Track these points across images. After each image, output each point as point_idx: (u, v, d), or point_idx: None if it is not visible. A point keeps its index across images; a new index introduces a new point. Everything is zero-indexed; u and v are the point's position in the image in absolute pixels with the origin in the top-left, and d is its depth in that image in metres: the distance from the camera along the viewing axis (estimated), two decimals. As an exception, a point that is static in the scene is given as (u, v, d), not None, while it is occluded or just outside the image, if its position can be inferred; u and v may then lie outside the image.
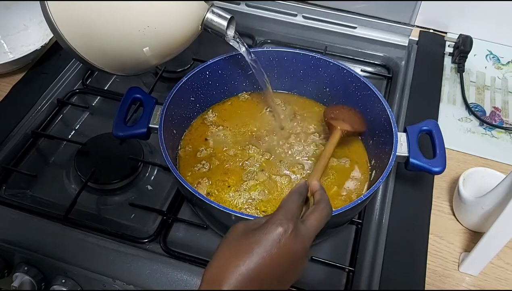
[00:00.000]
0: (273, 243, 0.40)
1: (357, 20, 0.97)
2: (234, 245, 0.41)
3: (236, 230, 0.43)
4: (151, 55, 0.62)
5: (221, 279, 0.39)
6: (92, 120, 0.85)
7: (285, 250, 0.41)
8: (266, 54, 0.74)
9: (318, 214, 0.45)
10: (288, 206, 0.44)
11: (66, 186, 0.75)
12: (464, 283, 0.63)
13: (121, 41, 0.59)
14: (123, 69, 0.66)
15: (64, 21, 0.58)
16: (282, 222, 0.41)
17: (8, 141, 0.77)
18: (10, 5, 0.95)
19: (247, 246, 0.40)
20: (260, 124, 0.74)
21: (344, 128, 0.66)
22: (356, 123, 0.69)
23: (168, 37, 0.61)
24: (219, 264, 0.41)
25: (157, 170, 0.77)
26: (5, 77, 0.88)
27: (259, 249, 0.40)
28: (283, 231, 0.41)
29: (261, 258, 0.40)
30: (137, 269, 0.62)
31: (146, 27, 0.58)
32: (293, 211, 0.44)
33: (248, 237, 0.41)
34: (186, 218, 0.70)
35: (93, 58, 0.62)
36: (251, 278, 0.39)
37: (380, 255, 0.64)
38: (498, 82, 0.90)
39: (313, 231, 0.44)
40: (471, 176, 0.68)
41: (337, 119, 0.67)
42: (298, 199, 0.46)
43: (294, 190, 0.47)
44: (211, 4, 0.63)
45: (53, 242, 0.65)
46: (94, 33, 0.59)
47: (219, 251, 0.42)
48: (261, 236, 0.41)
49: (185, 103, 0.72)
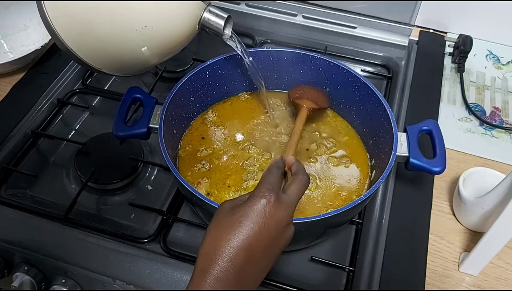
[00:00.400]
0: (259, 213, 0.43)
1: (357, 20, 0.97)
2: (223, 221, 0.44)
3: (223, 208, 0.46)
4: (149, 55, 0.62)
5: (215, 254, 0.42)
6: (92, 120, 0.85)
7: (271, 219, 0.43)
8: (266, 54, 0.74)
9: (297, 183, 0.48)
10: (269, 179, 0.47)
11: (66, 186, 0.75)
12: (464, 283, 0.63)
13: (119, 42, 0.59)
14: (121, 69, 0.66)
15: (61, 21, 0.58)
16: (264, 193, 0.44)
17: (8, 141, 0.77)
18: (10, 5, 0.95)
19: (235, 220, 0.43)
20: (260, 124, 0.74)
21: (309, 106, 0.71)
22: (320, 100, 0.73)
23: (165, 37, 0.61)
24: (211, 240, 0.43)
25: (157, 170, 0.77)
26: (5, 77, 0.88)
27: (246, 221, 0.43)
28: (267, 202, 0.44)
29: (249, 229, 0.42)
30: (137, 269, 0.62)
31: (144, 26, 0.58)
32: (274, 183, 0.47)
33: (235, 212, 0.44)
34: (186, 218, 0.70)
35: (90, 59, 0.62)
36: (242, 248, 0.42)
37: (380, 255, 0.64)
38: (498, 82, 0.90)
39: (295, 199, 0.47)
40: (471, 176, 0.68)
41: (302, 98, 0.72)
42: (277, 172, 0.49)
43: (272, 164, 0.50)
44: (208, 3, 0.63)
45: (53, 242, 0.65)
46: (91, 34, 0.58)
47: (210, 229, 0.44)
48: (247, 209, 0.43)
49: (185, 103, 0.72)
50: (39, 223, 0.67)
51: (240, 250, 0.42)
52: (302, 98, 0.72)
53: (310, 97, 0.72)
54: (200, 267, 0.42)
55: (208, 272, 0.41)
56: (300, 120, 0.69)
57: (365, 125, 0.72)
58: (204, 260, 0.42)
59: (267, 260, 0.44)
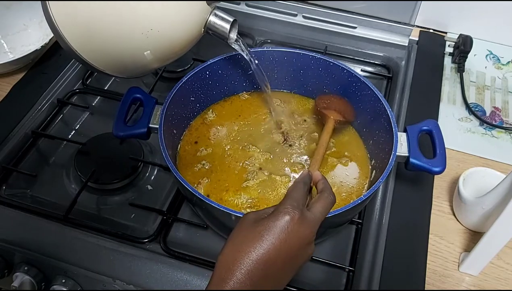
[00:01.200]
0: (282, 229, 0.43)
1: (357, 20, 0.97)
2: (245, 232, 0.44)
3: (246, 219, 0.46)
4: (153, 58, 0.61)
5: (233, 264, 0.42)
6: (92, 120, 0.85)
7: (293, 235, 0.43)
8: (266, 54, 0.74)
9: (323, 201, 0.48)
10: (294, 195, 0.47)
11: (66, 186, 0.75)
12: (464, 283, 0.63)
13: (124, 44, 0.59)
14: (124, 71, 0.66)
15: (66, 22, 0.58)
16: (289, 210, 0.44)
17: (8, 141, 0.77)
18: (10, 5, 0.95)
19: (258, 233, 0.43)
20: (260, 124, 0.74)
21: (336, 118, 0.69)
22: (347, 113, 0.71)
23: (171, 40, 0.61)
24: (231, 250, 0.43)
25: (157, 170, 0.77)
26: (5, 77, 0.88)
27: (268, 236, 0.42)
28: (290, 218, 0.43)
29: (270, 243, 0.42)
30: (137, 269, 0.62)
31: (150, 30, 0.58)
32: (299, 199, 0.46)
33: (258, 225, 0.44)
34: (186, 218, 0.70)
35: (94, 60, 0.62)
36: (261, 262, 0.42)
37: (380, 255, 0.64)
38: (498, 82, 0.90)
39: (319, 217, 0.46)
40: (471, 176, 0.68)
41: (329, 109, 0.70)
42: (303, 188, 0.48)
43: (299, 179, 0.50)
44: (214, 7, 0.63)
45: (53, 242, 0.65)
46: (96, 35, 0.58)
47: (231, 238, 0.44)
48: (270, 224, 0.43)
49: (185, 103, 0.72)
50: (39, 223, 0.67)
51: (258, 264, 0.42)
52: (330, 108, 0.70)
53: (337, 109, 0.70)
54: (218, 275, 0.42)
55: (225, 282, 0.41)
56: (327, 132, 0.66)
57: (365, 125, 0.72)
58: (222, 268, 0.42)
59: (284, 276, 0.44)
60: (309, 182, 0.50)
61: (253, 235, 0.43)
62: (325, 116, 0.69)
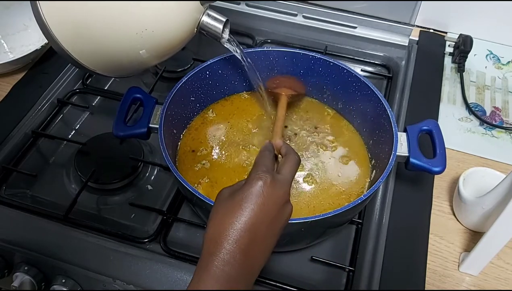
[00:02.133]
0: (258, 194, 0.45)
1: (357, 20, 0.96)
2: (224, 206, 0.46)
3: (222, 194, 0.48)
4: (147, 57, 0.61)
5: (220, 238, 0.43)
6: (92, 120, 0.85)
7: (269, 198, 0.45)
8: (266, 54, 0.74)
9: (289, 162, 0.51)
10: (262, 161, 0.49)
11: (66, 186, 0.75)
12: (464, 283, 0.63)
13: (117, 44, 0.59)
14: (117, 71, 0.65)
15: (58, 23, 0.57)
16: (260, 175, 0.46)
17: (8, 141, 0.77)
18: (10, 5, 0.95)
19: (236, 204, 0.45)
20: (260, 124, 0.74)
21: (287, 93, 0.73)
22: (297, 87, 0.75)
23: (164, 40, 0.61)
24: (215, 225, 0.45)
25: (157, 170, 0.77)
26: (5, 77, 0.88)
27: (246, 203, 0.44)
28: (263, 182, 0.45)
29: (250, 210, 0.44)
30: (137, 269, 0.62)
31: (144, 30, 0.58)
32: (268, 164, 0.49)
33: (234, 196, 0.46)
34: (186, 218, 0.70)
35: (87, 61, 0.61)
36: (246, 230, 0.43)
37: (380, 255, 0.64)
38: (498, 82, 0.90)
39: (289, 177, 0.49)
40: (471, 176, 0.68)
41: (279, 87, 0.74)
42: (269, 155, 0.51)
43: (263, 148, 0.52)
44: (207, 7, 0.63)
45: (53, 242, 0.65)
46: (90, 36, 0.58)
47: (212, 215, 0.46)
48: (246, 192, 0.45)
49: (185, 103, 0.72)
50: (39, 223, 0.67)
51: (243, 231, 0.43)
52: (280, 87, 0.74)
53: (287, 86, 0.74)
54: (207, 251, 0.44)
55: (215, 255, 0.43)
56: (282, 106, 0.71)
57: (365, 125, 0.72)
58: (210, 244, 0.44)
59: (270, 239, 0.46)
60: (272, 149, 0.53)
61: (232, 207, 0.45)
62: (277, 94, 0.73)
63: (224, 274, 0.42)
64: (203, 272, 0.42)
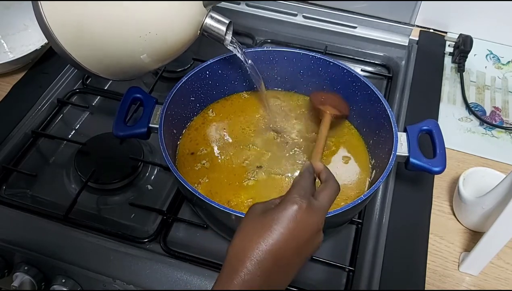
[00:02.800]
0: (290, 219, 0.43)
1: (357, 20, 0.96)
2: (254, 224, 0.44)
3: (254, 210, 0.46)
4: (149, 60, 0.61)
5: (243, 256, 0.42)
6: (92, 120, 0.85)
7: (301, 224, 0.43)
8: (266, 54, 0.74)
9: (329, 189, 0.48)
10: (301, 184, 0.46)
11: (66, 186, 0.75)
12: (464, 283, 0.63)
13: (121, 47, 0.58)
14: (119, 74, 0.65)
15: (60, 25, 0.56)
16: (296, 199, 0.44)
17: (8, 141, 0.77)
18: (10, 5, 0.95)
19: (266, 224, 0.43)
20: (260, 124, 0.74)
21: (332, 112, 0.70)
22: (342, 107, 0.73)
23: (167, 43, 0.60)
24: (241, 242, 0.43)
25: (157, 170, 0.77)
26: (5, 77, 0.88)
27: (277, 226, 0.42)
28: (298, 207, 0.43)
29: (279, 233, 0.42)
30: (137, 269, 0.62)
31: (148, 33, 0.57)
32: (306, 188, 0.46)
33: (266, 215, 0.44)
34: (186, 218, 0.70)
35: (89, 63, 0.60)
36: (271, 253, 0.42)
37: (380, 255, 0.64)
38: (498, 82, 0.90)
39: (326, 205, 0.47)
40: (471, 176, 0.68)
41: (325, 104, 0.71)
42: (309, 177, 0.48)
43: (304, 169, 0.50)
44: (210, 9, 0.63)
45: (53, 242, 0.65)
46: (92, 38, 0.57)
47: (240, 230, 0.44)
48: (279, 214, 0.43)
49: (185, 103, 0.72)
50: (39, 223, 0.67)
51: (268, 254, 0.42)
52: (326, 104, 0.71)
53: (332, 104, 0.71)
54: (229, 265, 0.42)
55: (236, 273, 0.41)
56: (325, 126, 0.68)
57: (365, 125, 0.72)
58: (233, 259, 0.42)
59: (294, 266, 0.44)
60: (313, 171, 0.50)
61: (261, 226, 0.43)
62: (322, 112, 0.70)
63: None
64: (222, 287, 0.41)
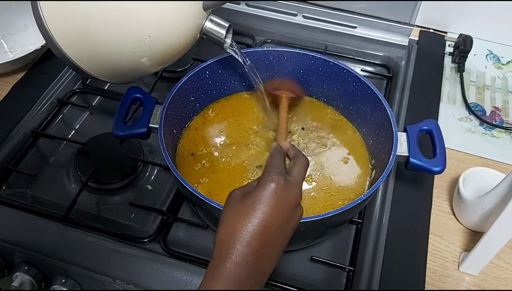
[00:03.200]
0: (271, 197, 0.45)
1: (357, 20, 0.96)
2: (236, 208, 0.45)
3: (233, 196, 0.47)
4: (149, 64, 0.61)
5: (232, 240, 0.43)
6: (92, 120, 0.85)
7: (282, 201, 0.45)
8: (266, 54, 0.74)
9: (299, 164, 0.50)
10: (274, 163, 0.49)
11: (66, 186, 0.75)
12: (464, 283, 0.63)
13: (121, 51, 0.58)
14: (119, 77, 0.64)
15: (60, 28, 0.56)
16: (273, 177, 0.46)
17: (8, 141, 0.77)
18: (10, 5, 0.95)
19: (249, 206, 0.44)
20: (260, 123, 0.74)
21: (288, 96, 0.73)
22: (296, 90, 0.75)
23: (167, 46, 0.60)
24: (227, 228, 0.44)
25: (157, 170, 0.77)
26: (5, 77, 0.88)
27: (259, 205, 0.44)
28: (276, 184, 0.45)
29: (263, 212, 0.44)
30: (137, 269, 0.62)
31: (148, 37, 0.57)
32: (280, 166, 0.48)
33: (246, 198, 0.45)
34: (186, 218, 0.70)
35: (89, 66, 0.60)
36: (258, 232, 0.43)
37: (380, 255, 0.64)
38: (498, 82, 0.90)
39: (300, 179, 0.49)
40: (471, 176, 0.68)
41: (279, 89, 0.74)
42: (279, 156, 0.51)
43: (273, 150, 0.52)
44: (209, 12, 0.63)
45: (53, 242, 0.65)
46: (92, 42, 0.57)
47: (224, 217, 0.46)
48: (259, 194, 0.45)
49: (185, 103, 0.72)
50: (39, 223, 0.67)
51: (256, 233, 0.43)
52: (279, 89, 0.74)
53: (287, 88, 0.74)
54: (219, 252, 0.43)
55: (227, 257, 0.42)
56: (283, 109, 0.71)
57: (365, 125, 0.72)
58: (222, 246, 0.44)
59: (281, 241, 0.46)
60: (282, 151, 0.53)
61: (244, 208, 0.44)
62: (278, 97, 0.73)
63: (236, 277, 0.42)
64: (215, 273, 0.42)
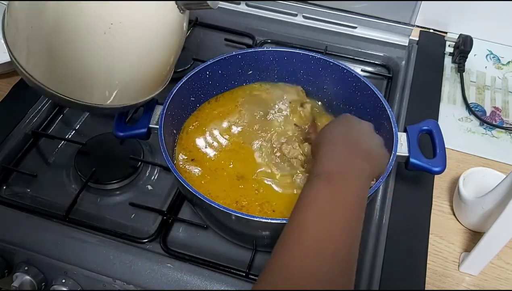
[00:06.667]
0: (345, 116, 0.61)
1: (357, 20, 0.97)
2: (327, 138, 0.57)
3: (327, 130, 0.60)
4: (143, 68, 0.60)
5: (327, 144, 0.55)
6: (92, 120, 0.85)
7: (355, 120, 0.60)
8: (266, 54, 0.74)
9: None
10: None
11: (66, 186, 0.75)
12: (464, 283, 0.63)
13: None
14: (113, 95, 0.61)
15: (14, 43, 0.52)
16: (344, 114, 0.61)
17: (8, 141, 0.77)
18: (10, 5, 0.95)
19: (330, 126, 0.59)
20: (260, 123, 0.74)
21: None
22: None
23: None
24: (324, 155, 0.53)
25: (157, 170, 0.77)
26: (5, 77, 0.88)
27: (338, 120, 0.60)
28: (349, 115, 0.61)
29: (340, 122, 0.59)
30: (137, 269, 0.62)
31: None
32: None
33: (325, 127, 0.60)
34: (186, 218, 0.70)
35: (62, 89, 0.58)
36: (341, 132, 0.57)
37: (380, 255, 0.64)
38: (498, 82, 0.90)
39: None
40: (471, 176, 0.68)
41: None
42: None
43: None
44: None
45: (53, 242, 0.65)
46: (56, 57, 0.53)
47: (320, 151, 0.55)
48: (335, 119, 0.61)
49: (185, 103, 0.72)
50: (39, 223, 0.67)
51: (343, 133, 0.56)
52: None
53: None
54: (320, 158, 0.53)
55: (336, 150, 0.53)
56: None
57: (365, 125, 0.72)
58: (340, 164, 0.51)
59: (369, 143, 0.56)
60: None
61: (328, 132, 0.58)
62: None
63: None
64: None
